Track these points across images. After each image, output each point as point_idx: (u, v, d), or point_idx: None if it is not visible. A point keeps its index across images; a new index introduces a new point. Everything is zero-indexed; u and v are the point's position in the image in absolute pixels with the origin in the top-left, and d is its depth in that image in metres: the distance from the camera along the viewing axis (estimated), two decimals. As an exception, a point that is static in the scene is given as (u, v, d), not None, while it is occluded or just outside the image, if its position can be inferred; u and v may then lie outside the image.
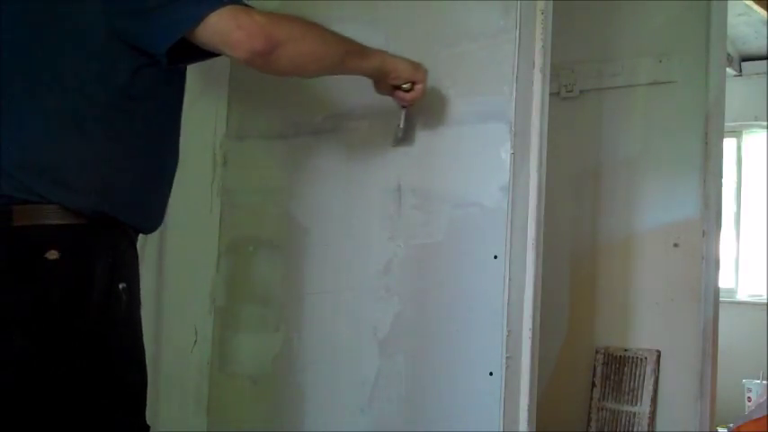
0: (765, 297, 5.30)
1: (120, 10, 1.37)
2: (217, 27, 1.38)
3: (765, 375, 4.78)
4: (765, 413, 2.36)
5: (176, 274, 2.23)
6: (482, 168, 1.80)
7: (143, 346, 1.50)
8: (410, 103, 1.78)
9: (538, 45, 1.79)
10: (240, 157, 2.23)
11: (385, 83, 1.73)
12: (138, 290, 1.49)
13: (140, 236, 1.55)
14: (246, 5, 1.42)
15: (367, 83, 1.96)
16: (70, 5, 1.39)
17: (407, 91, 1.73)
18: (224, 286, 2.23)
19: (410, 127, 1.88)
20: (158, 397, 2.19)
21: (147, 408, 1.49)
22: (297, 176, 2.11)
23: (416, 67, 1.73)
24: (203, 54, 1.44)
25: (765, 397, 4.37)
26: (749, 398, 4.79)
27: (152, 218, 1.55)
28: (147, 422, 1.49)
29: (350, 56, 1.62)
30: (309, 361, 2.04)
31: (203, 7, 1.37)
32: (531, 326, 1.76)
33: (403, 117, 1.85)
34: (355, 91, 2.01)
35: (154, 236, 2.30)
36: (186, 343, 2.23)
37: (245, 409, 2.16)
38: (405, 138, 1.89)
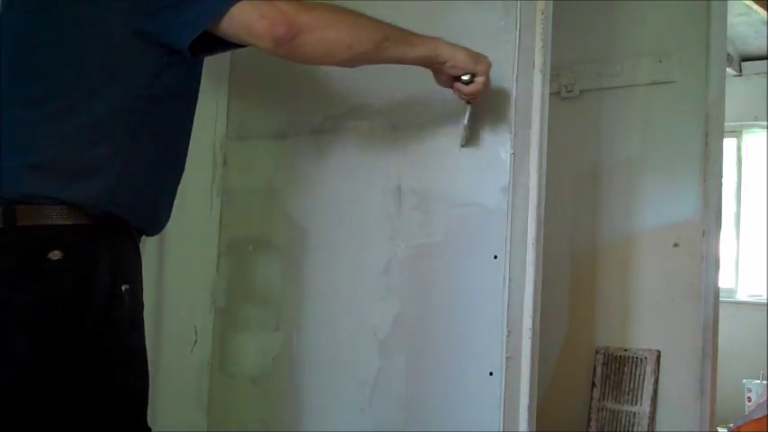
0: (765, 297, 5.30)
1: (142, 10, 1.37)
2: (240, 18, 1.37)
3: (765, 375, 4.78)
4: (765, 413, 2.36)
5: (176, 274, 2.23)
6: (482, 168, 1.80)
7: (145, 349, 1.49)
8: (470, 97, 1.66)
9: (538, 45, 1.79)
10: (240, 157, 2.23)
11: (444, 74, 1.63)
12: (141, 293, 1.49)
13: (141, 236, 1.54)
14: None
15: (367, 81, 1.97)
16: (90, 5, 1.39)
17: (467, 83, 1.62)
18: (224, 286, 2.23)
19: (475, 125, 1.77)
20: (158, 397, 2.19)
21: (148, 408, 1.49)
22: (297, 176, 2.11)
23: (476, 57, 1.62)
24: (226, 45, 1.44)
25: (765, 397, 4.37)
26: (749, 398, 4.79)
27: (158, 220, 1.55)
28: (148, 423, 1.50)
29: (391, 43, 1.54)
30: (309, 361, 2.04)
31: (221, 1, 1.37)
32: (531, 326, 1.76)
33: (468, 114, 1.74)
34: (355, 91, 2.01)
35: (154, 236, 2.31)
36: (186, 343, 2.23)
37: (245, 409, 2.16)
38: (470, 137, 1.78)
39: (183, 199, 2.32)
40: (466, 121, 1.75)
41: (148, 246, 2.28)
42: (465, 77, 1.61)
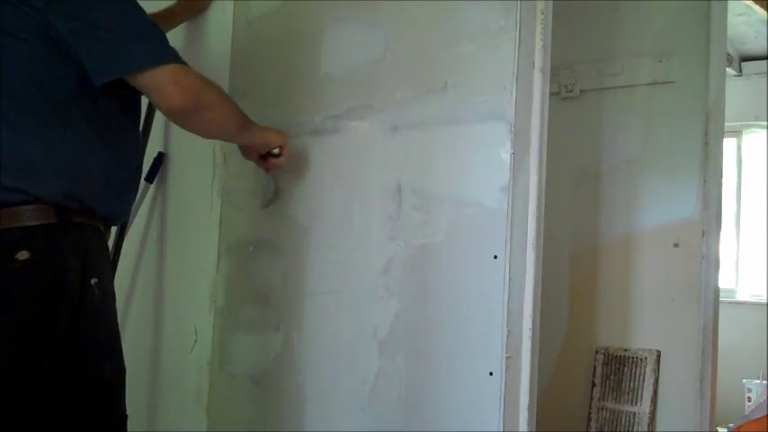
0: (765, 297, 5.30)
1: (64, 23, 1.42)
2: (154, 78, 1.46)
3: (765, 375, 4.78)
4: (765, 413, 2.36)
5: (176, 274, 2.23)
6: (482, 168, 1.80)
7: (119, 337, 1.56)
8: (282, 166, 1.92)
9: (538, 45, 1.79)
10: (240, 158, 2.23)
11: (253, 151, 1.86)
12: (111, 283, 1.57)
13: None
14: (183, 65, 1.51)
15: (367, 81, 1.97)
16: (12, 8, 1.43)
17: (277, 156, 1.87)
18: (224, 286, 2.23)
19: (278, 187, 2.05)
20: (158, 397, 2.20)
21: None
22: (297, 176, 2.11)
23: (280, 132, 1.88)
24: (129, 87, 1.50)
25: (765, 397, 4.37)
26: (749, 398, 4.79)
27: (120, 205, 1.62)
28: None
29: (242, 130, 1.75)
30: (309, 361, 2.04)
31: (149, 59, 1.45)
32: (531, 326, 1.76)
33: (272, 180, 2.02)
34: (355, 91, 2.01)
35: (154, 236, 2.31)
36: (186, 343, 2.23)
37: (245, 409, 2.16)
38: (275, 198, 2.03)
39: (184, 199, 2.33)
40: (272, 186, 2.01)
41: (148, 246, 2.29)
42: (276, 151, 1.88)
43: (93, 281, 1.46)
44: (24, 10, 1.42)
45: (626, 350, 2.87)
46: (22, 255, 1.38)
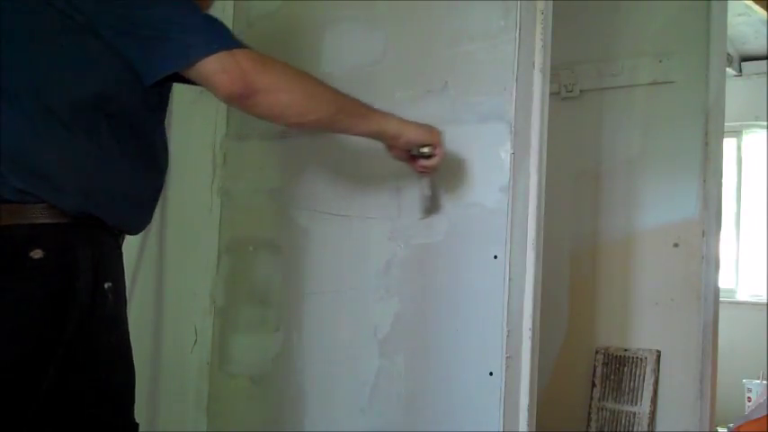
0: (765, 297, 5.29)
1: (110, 25, 1.39)
2: (202, 68, 1.41)
3: (765, 375, 4.78)
4: (765, 413, 2.36)
5: (176, 274, 2.22)
6: (482, 168, 1.80)
7: (130, 344, 1.51)
8: (433, 169, 1.69)
9: (538, 45, 1.79)
10: (240, 157, 2.23)
11: (397, 149, 1.67)
12: (124, 288, 1.52)
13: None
14: (236, 49, 1.44)
15: (367, 82, 1.97)
16: (54, 9, 1.40)
17: (429, 156, 1.65)
18: (224, 286, 2.23)
19: (436, 193, 1.83)
20: (158, 397, 2.19)
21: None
22: (297, 176, 2.11)
23: (430, 129, 1.66)
24: (184, 80, 1.47)
25: (765, 397, 4.37)
26: (749, 398, 4.79)
27: (137, 219, 1.56)
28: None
29: (344, 116, 1.59)
30: (309, 361, 2.04)
31: (197, 50, 1.40)
32: (531, 326, 1.76)
33: (427, 185, 1.79)
34: (355, 91, 2.01)
35: (154, 236, 2.31)
36: (186, 343, 2.23)
37: (245, 409, 2.16)
38: (434, 206, 1.83)
39: (183, 199, 2.32)
40: (428, 192, 1.80)
41: (148, 246, 2.29)
42: (425, 150, 1.63)
43: (106, 285, 1.42)
44: (68, 13, 1.38)
45: (626, 350, 2.87)
46: (36, 253, 1.33)
